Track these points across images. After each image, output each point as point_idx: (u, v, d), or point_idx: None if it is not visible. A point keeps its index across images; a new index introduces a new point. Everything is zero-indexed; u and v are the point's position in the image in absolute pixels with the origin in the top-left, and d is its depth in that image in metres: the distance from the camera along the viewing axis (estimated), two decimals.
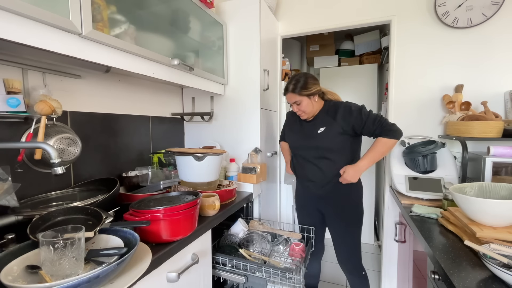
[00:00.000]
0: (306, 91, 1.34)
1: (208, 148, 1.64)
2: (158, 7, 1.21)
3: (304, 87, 1.34)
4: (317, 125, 1.41)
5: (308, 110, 1.38)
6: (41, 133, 0.97)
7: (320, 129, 1.39)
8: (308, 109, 1.38)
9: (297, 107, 1.38)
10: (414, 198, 1.50)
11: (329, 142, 1.37)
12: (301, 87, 1.34)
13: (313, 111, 1.40)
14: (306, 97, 1.35)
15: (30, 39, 0.74)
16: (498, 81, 1.65)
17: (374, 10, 1.89)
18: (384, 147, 1.31)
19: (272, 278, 1.15)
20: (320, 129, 1.39)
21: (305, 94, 1.34)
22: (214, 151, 1.43)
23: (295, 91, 1.35)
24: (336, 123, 1.36)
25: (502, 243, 0.84)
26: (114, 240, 0.77)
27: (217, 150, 1.49)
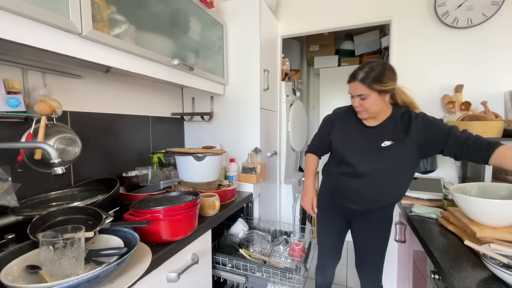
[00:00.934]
0: (379, 86, 1.05)
1: (208, 148, 1.64)
2: (158, 7, 1.21)
3: (378, 79, 1.05)
4: (382, 136, 1.14)
5: (373, 110, 1.11)
6: (41, 133, 0.97)
7: (385, 142, 1.12)
8: (374, 108, 1.10)
9: (360, 102, 1.10)
10: (414, 198, 1.50)
11: (395, 161, 1.12)
12: (374, 78, 1.05)
13: (379, 112, 1.13)
14: (377, 92, 1.06)
15: (30, 39, 0.74)
16: (498, 81, 1.65)
17: (374, 10, 1.89)
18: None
19: (272, 278, 1.15)
20: (386, 143, 1.12)
21: (377, 89, 1.06)
22: (214, 151, 1.43)
23: (365, 81, 1.05)
24: (408, 139, 1.09)
25: (502, 243, 0.84)
26: (114, 240, 0.77)
27: (217, 150, 1.49)
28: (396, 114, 1.17)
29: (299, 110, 2.55)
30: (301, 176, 2.70)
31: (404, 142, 1.10)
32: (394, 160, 1.12)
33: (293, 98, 2.47)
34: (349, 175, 1.21)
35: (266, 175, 1.77)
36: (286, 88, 2.28)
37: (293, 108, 2.37)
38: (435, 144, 1.08)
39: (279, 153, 2.24)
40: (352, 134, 1.22)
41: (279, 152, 2.23)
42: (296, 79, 2.76)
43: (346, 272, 2.29)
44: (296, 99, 2.60)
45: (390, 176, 1.15)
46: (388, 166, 1.13)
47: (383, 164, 1.13)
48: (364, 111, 1.13)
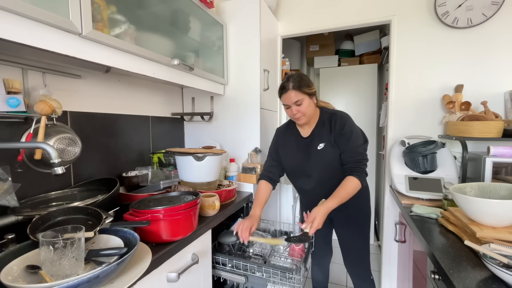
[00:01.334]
0: (308, 89, 1.19)
1: (208, 148, 1.64)
2: (158, 7, 1.21)
3: (305, 84, 1.19)
4: (316, 141, 1.27)
5: (308, 113, 1.22)
6: (41, 133, 0.97)
7: (319, 145, 1.25)
8: (309, 111, 1.21)
9: (297, 108, 1.20)
10: (414, 198, 1.50)
11: (331, 157, 1.24)
12: (303, 84, 1.18)
13: (311, 115, 1.25)
14: (308, 96, 1.20)
15: (30, 39, 0.74)
16: (498, 81, 1.65)
17: (374, 10, 1.89)
18: (354, 190, 1.17)
19: (272, 278, 1.15)
20: (320, 145, 1.25)
21: (307, 92, 1.19)
22: (214, 151, 1.43)
23: (299, 88, 1.18)
24: (331, 137, 1.24)
25: (502, 243, 0.84)
26: (114, 240, 0.77)
27: (217, 150, 1.49)
28: (323, 117, 1.30)
29: None
30: None
31: (331, 140, 1.25)
32: (331, 157, 1.25)
33: None
34: (305, 183, 1.35)
35: None
36: None
37: None
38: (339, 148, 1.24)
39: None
40: (293, 147, 1.35)
41: None
42: None
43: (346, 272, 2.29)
44: None
45: (333, 171, 1.27)
46: (330, 163, 1.26)
47: (324, 164, 1.26)
48: (302, 116, 1.22)
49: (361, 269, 1.41)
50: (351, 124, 1.25)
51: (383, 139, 2.44)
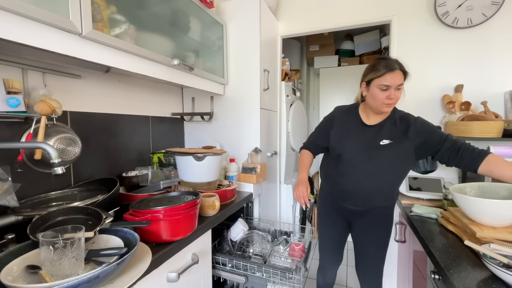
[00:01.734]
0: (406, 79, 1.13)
1: (208, 148, 1.64)
2: (158, 7, 1.21)
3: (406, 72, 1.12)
4: (382, 135, 1.17)
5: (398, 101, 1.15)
6: (41, 133, 0.97)
7: (384, 140, 1.15)
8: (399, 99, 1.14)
9: (395, 93, 1.10)
10: (414, 198, 1.50)
11: (392, 160, 1.14)
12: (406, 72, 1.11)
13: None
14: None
15: (30, 39, 0.74)
16: (498, 81, 1.65)
17: (374, 10, 1.89)
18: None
19: (272, 278, 1.15)
20: (384, 141, 1.15)
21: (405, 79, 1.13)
22: (214, 151, 1.43)
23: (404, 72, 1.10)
24: (407, 140, 1.13)
25: (502, 243, 0.84)
26: (114, 240, 0.77)
27: (217, 150, 1.49)
28: (396, 115, 1.21)
29: (299, 110, 2.55)
30: None
31: (402, 142, 1.14)
32: (391, 158, 1.14)
33: (293, 98, 2.47)
34: (347, 174, 1.22)
35: (266, 175, 1.77)
36: (286, 88, 2.28)
37: (293, 108, 2.37)
38: (432, 145, 1.12)
39: (279, 153, 2.24)
40: (351, 131, 1.24)
41: (279, 152, 2.23)
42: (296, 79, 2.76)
43: (346, 272, 2.29)
44: (296, 99, 2.60)
45: (386, 174, 1.17)
46: (385, 164, 1.16)
47: (380, 162, 1.16)
48: (395, 103, 1.14)
49: (374, 277, 1.34)
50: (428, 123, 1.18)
51: None
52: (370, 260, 1.32)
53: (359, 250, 1.36)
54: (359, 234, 1.34)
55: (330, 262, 1.45)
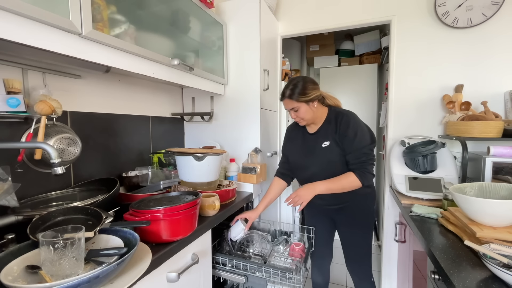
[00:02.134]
0: (304, 97, 1.22)
1: (208, 148, 1.64)
2: (158, 7, 1.21)
3: (301, 92, 1.21)
4: (321, 138, 1.29)
5: (307, 117, 1.26)
6: (41, 133, 0.97)
7: (324, 142, 1.28)
8: (307, 116, 1.26)
9: (295, 113, 1.26)
10: (414, 198, 1.50)
11: (334, 156, 1.26)
12: (298, 92, 1.21)
13: (313, 117, 1.28)
14: (305, 103, 1.23)
15: (30, 39, 0.74)
16: (498, 81, 1.65)
17: (374, 10, 1.89)
18: (349, 185, 1.22)
19: (272, 278, 1.15)
20: (325, 143, 1.27)
21: (303, 100, 1.22)
22: (214, 151, 1.43)
23: (292, 97, 1.22)
24: (336, 137, 1.26)
25: (502, 243, 0.84)
26: (114, 240, 0.77)
27: (217, 150, 1.49)
28: (331, 115, 1.31)
29: None
30: None
31: (336, 139, 1.26)
32: (334, 155, 1.26)
33: None
34: (305, 177, 1.36)
35: (266, 175, 1.77)
36: None
37: None
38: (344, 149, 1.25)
39: (279, 153, 2.24)
40: (299, 143, 1.39)
41: (279, 152, 2.23)
42: None
43: (346, 272, 2.29)
44: None
45: (336, 171, 1.26)
46: (332, 162, 1.27)
47: (327, 161, 1.28)
48: (301, 119, 1.28)
49: (362, 270, 1.40)
50: (357, 124, 1.24)
51: (383, 139, 2.45)
52: (356, 253, 1.39)
53: (345, 244, 1.43)
54: (342, 230, 1.42)
55: (321, 258, 1.53)
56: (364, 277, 1.40)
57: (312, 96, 1.23)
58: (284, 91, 1.26)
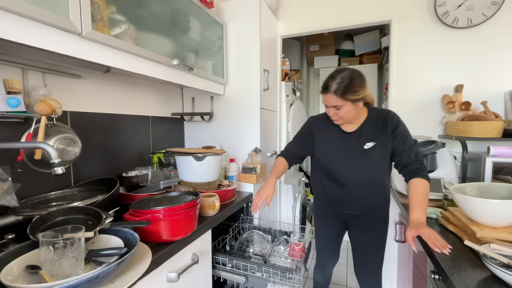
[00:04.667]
0: (352, 95, 1.04)
1: (208, 148, 1.64)
2: (158, 7, 1.21)
3: (351, 89, 1.04)
4: (363, 138, 1.15)
5: (348, 117, 1.11)
6: (41, 133, 0.97)
7: (367, 144, 1.14)
8: (348, 115, 1.10)
9: (336, 111, 1.09)
10: None
11: (380, 160, 1.14)
12: (347, 89, 1.04)
13: (354, 117, 1.14)
14: (351, 102, 1.06)
15: (30, 39, 0.74)
16: (498, 81, 1.65)
17: (374, 10, 1.89)
18: (428, 191, 1.07)
19: (272, 278, 1.15)
20: (368, 144, 1.14)
21: (351, 99, 1.05)
22: (214, 151, 1.43)
23: (338, 92, 1.04)
24: (387, 136, 1.13)
25: (502, 243, 0.84)
26: (114, 240, 0.77)
27: (217, 150, 1.49)
28: (372, 115, 1.18)
29: (299, 110, 2.55)
30: (301, 176, 2.70)
31: (384, 140, 1.14)
32: (378, 159, 1.15)
33: (293, 98, 2.46)
34: (338, 182, 1.23)
35: (266, 175, 1.77)
36: (286, 88, 2.28)
37: (293, 108, 2.37)
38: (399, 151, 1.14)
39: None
40: (334, 142, 1.22)
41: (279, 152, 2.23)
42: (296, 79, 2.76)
43: (346, 272, 2.29)
44: (296, 99, 2.60)
45: (375, 175, 1.18)
46: (373, 166, 1.17)
47: (368, 165, 1.16)
48: (339, 119, 1.13)
49: (372, 278, 1.33)
50: (403, 123, 1.16)
51: None
52: (369, 262, 1.33)
53: (357, 252, 1.36)
54: (356, 236, 1.34)
55: (327, 261, 1.47)
56: (373, 285, 1.35)
57: (361, 95, 1.07)
58: (328, 84, 1.07)
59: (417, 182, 1.09)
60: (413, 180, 1.10)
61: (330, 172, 1.24)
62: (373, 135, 1.15)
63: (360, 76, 1.08)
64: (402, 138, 1.12)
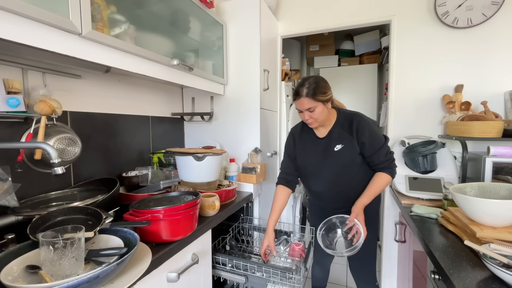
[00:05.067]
0: (323, 96, 1.17)
1: (208, 148, 1.64)
2: (158, 7, 1.21)
3: (320, 91, 1.16)
4: (333, 142, 1.26)
5: (321, 118, 1.21)
6: (41, 133, 0.97)
7: (336, 146, 1.24)
8: (322, 117, 1.20)
9: (309, 114, 1.19)
10: (414, 198, 1.50)
11: (348, 159, 1.23)
12: (317, 91, 1.16)
13: (325, 119, 1.24)
14: (322, 103, 1.18)
15: (30, 39, 0.74)
16: (498, 81, 1.65)
17: (374, 10, 1.89)
18: (385, 185, 1.22)
19: (272, 278, 1.15)
20: (337, 146, 1.24)
21: (321, 99, 1.17)
22: (214, 151, 1.43)
23: (310, 95, 1.15)
24: (353, 139, 1.23)
25: (502, 243, 0.84)
26: (114, 240, 0.77)
27: (217, 150, 1.49)
28: (341, 117, 1.28)
29: None
30: None
31: (351, 141, 1.23)
32: (347, 159, 1.24)
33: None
34: (316, 184, 1.34)
35: (266, 175, 1.77)
36: (286, 88, 2.28)
37: (293, 108, 2.37)
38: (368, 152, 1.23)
39: (279, 153, 2.24)
40: (308, 147, 1.33)
41: (279, 152, 2.23)
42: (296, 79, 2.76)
43: (346, 272, 2.29)
44: None
45: (349, 174, 1.26)
46: (345, 166, 1.25)
47: (340, 166, 1.25)
48: (314, 121, 1.22)
49: (366, 274, 1.38)
50: (370, 125, 1.23)
51: None
52: (361, 259, 1.36)
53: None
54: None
55: (324, 256, 1.52)
56: (368, 281, 1.38)
57: (329, 95, 1.20)
58: (300, 90, 1.18)
59: (380, 175, 1.23)
60: (378, 173, 1.24)
61: (310, 175, 1.35)
62: (341, 138, 1.25)
63: (324, 80, 1.22)
64: (369, 144, 1.21)
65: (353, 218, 1.17)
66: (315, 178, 1.33)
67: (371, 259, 1.38)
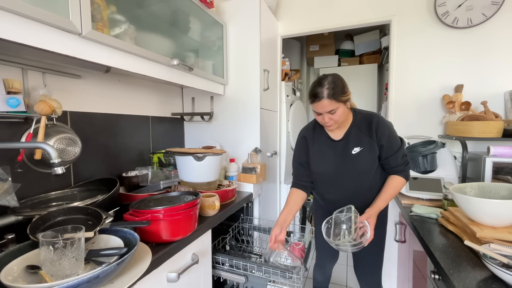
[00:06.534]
0: (344, 96, 1.08)
1: (208, 148, 1.64)
2: (158, 7, 1.21)
3: (341, 91, 1.07)
4: (350, 144, 1.18)
5: (342, 119, 1.13)
6: (41, 133, 0.97)
7: (354, 149, 1.17)
8: (342, 117, 1.12)
9: (330, 116, 1.10)
10: (414, 198, 1.50)
11: (366, 162, 1.17)
12: (340, 91, 1.06)
13: (343, 120, 1.16)
14: (343, 103, 1.09)
15: (30, 39, 0.74)
16: (498, 81, 1.65)
17: (374, 10, 1.89)
18: (400, 188, 1.17)
19: (272, 277, 1.15)
20: (355, 149, 1.17)
21: (343, 100, 1.08)
22: (214, 151, 1.43)
23: (331, 96, 1.05)
24: (373, 141, 1.16)
25: (502, 243, 0.84)
26: (114, 240, 0.77)
27: (217, 150, 1.49)
28: (357, 119, 1.21)
29: (299, 110, 2.55)
30: None
31: (370, 144, 1.17)
32: (366, 162, 1.18)
33: (293, 98, 2.47)
34: (331, 188, 1.27)
35: (266, 175, 1.77)
36: (286, 88, 2.28)
37: (293, 108, 2.37)
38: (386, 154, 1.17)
39: (279, 153, 2.24)
40: (324, 149, 1.24)
41: (279, 152, 2.23)
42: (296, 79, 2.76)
43: (346, 272, 2.29)
44: (296, 99, 2.60)
45: (366, 178, 1.20)
46: (362, 169, 1.19)
47: (357, 169, 1.19)
48: (334, 123, 1.14)
49: (372, 278, 1.34)
50: (389, 126, 1.18)
51: None
52: (368, 262, 1.33)
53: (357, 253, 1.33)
54: None
55: (326, 260, 1.48)
56: (373, 285, 1.35)
57: (349, 94, 1.12)
58: (319, 91, 1.06)
59: (396, 178, 1.17)
60: (393, 176, 1.19)
61: (324, 178, 1.27)
62: (359, 140, 1.18)
63: (341, 78, 1.13)
64: (387, 146, 1.15)
65: (364, 219, 1.11)
66: (330, 185, 1.26)
67: (378, 262, 1.33)
